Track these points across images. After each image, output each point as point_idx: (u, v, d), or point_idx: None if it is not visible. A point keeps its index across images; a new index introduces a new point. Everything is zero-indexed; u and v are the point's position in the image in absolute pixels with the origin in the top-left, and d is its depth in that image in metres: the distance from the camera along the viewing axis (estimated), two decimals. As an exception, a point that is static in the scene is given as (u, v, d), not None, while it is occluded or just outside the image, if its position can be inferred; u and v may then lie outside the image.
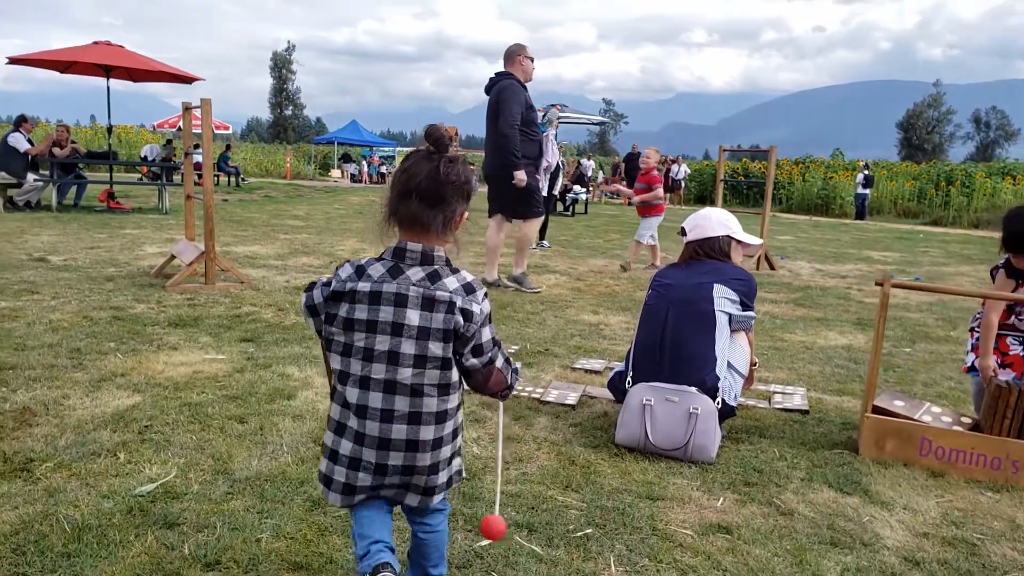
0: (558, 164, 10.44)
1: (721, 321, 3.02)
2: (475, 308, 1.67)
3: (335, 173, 34.83)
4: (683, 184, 26.88)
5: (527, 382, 3.79)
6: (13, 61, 11.24)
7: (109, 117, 11.94)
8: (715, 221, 3.26)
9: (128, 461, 2.60)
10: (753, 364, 3.28)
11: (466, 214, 1.78)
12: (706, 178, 29.83)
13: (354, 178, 33.50)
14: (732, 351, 3.07)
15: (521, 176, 6.33)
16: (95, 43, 11.56)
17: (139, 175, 19.55)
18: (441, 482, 1.74)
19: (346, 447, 1.69)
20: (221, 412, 3.12)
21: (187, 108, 6.19)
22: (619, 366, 3.29)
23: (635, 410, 2.91)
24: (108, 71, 11.77)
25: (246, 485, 2.46)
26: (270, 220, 12.04)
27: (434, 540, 1.83)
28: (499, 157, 6.44)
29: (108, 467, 2.54)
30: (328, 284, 1.69)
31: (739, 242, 3.29)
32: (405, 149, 45.43)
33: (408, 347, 1.65)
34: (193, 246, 6.15)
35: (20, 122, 11.57)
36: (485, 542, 2.17)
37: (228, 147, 24.73)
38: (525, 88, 6.55)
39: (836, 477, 2.80)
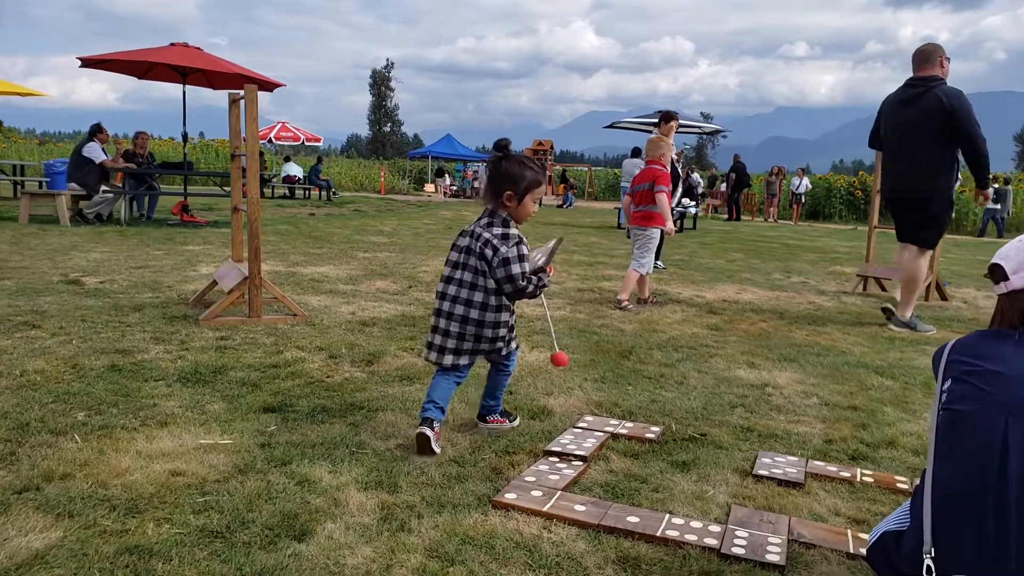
0: (677, 174, 8.94)
1: (1121, 453, 1.51)
2: (501, 248, 2.67)
3: (429, 188, 34.09)
4: (803, 199, 24.68)
5: (688, 509, 2.34)
6: (85, 63, 10.56)
7: (184, 124, 11.14)
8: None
9: None
10: None
11: (508, 192, 2.73)
12: (819, 193, 27.45)
13: (449, 191, 32.60)
14: None
15: (989, 195, 5.53)
16: (172, 44, 10.79)
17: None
18: (483, 348, 2.77)
19: (432, 319, 2.79)
20: (179, 570, 1.81)
21: (234, 100, 5.05)
22: (891, 523, 1.80)
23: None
24: (184, 75, 10.97)
25: None
26: (352, 236, 10.95)
27: (496, 381, 2.93)
28: (925, 176, 5.43)
29: None
30: None
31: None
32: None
33: (468, 260, 2.72)
34: (237, 269, 4.98)
35: (95, 132, 10.88)
36: None
37: (320, 160, 24.18)
38: None
39: None
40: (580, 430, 2.95)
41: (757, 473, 2.61)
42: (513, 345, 2.86)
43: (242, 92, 4.72)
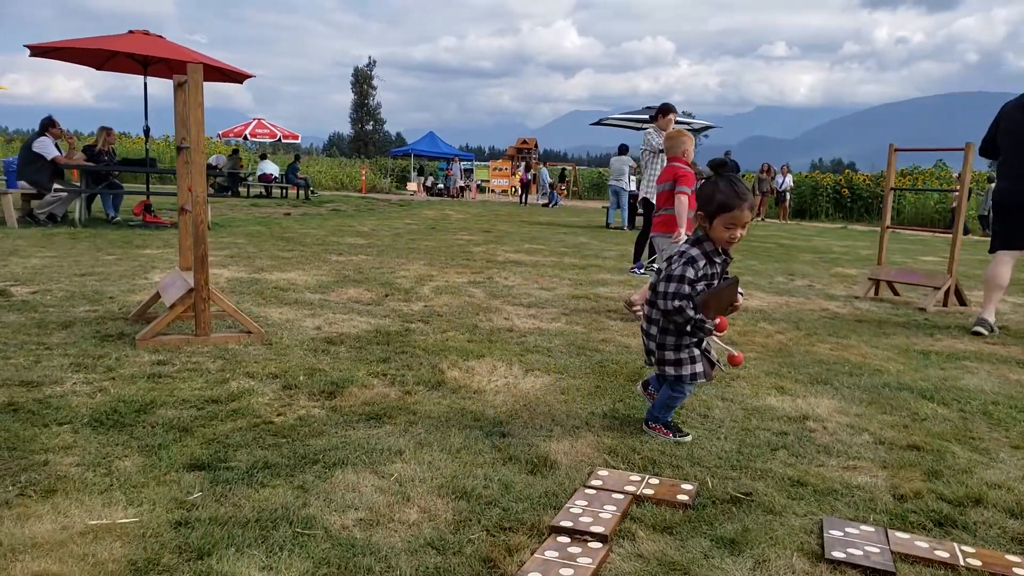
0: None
1: None
2: (671, 263, 2.71)
3: (412, 186, 33.38)
4: (788, 197, 24.21)
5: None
6: (35, 51, 9.80)
7: (146, 118, 10.41)
8: None
9: None
10: None
11: (700, 213, 2.72)
12: (804, 191, 26.95)
13: (432, 190, 31.92)
14: None
15: None
16: (131, 32, 10.05)
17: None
18: (654, 361, 2.84)
19: None
20: None
21: (179, 84, 4.38)
22: None
23: None
24: (145, 65, 10.24)
25: None
26: (327, 237, 10.27)
27: (664, 393, 2.87)
28: None
29: None
30: None
31: None
32: (484, 163, 43.64)
33: None
34: (182, 279, 4.30)
35: (47, 126, 10.12)
36: None
37: (297, 158, 23.45)
38: None
39: None
40: (594, 491, 2.32)
41: (832, 557, 1.98)
42: (685, 371, 2.77)
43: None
